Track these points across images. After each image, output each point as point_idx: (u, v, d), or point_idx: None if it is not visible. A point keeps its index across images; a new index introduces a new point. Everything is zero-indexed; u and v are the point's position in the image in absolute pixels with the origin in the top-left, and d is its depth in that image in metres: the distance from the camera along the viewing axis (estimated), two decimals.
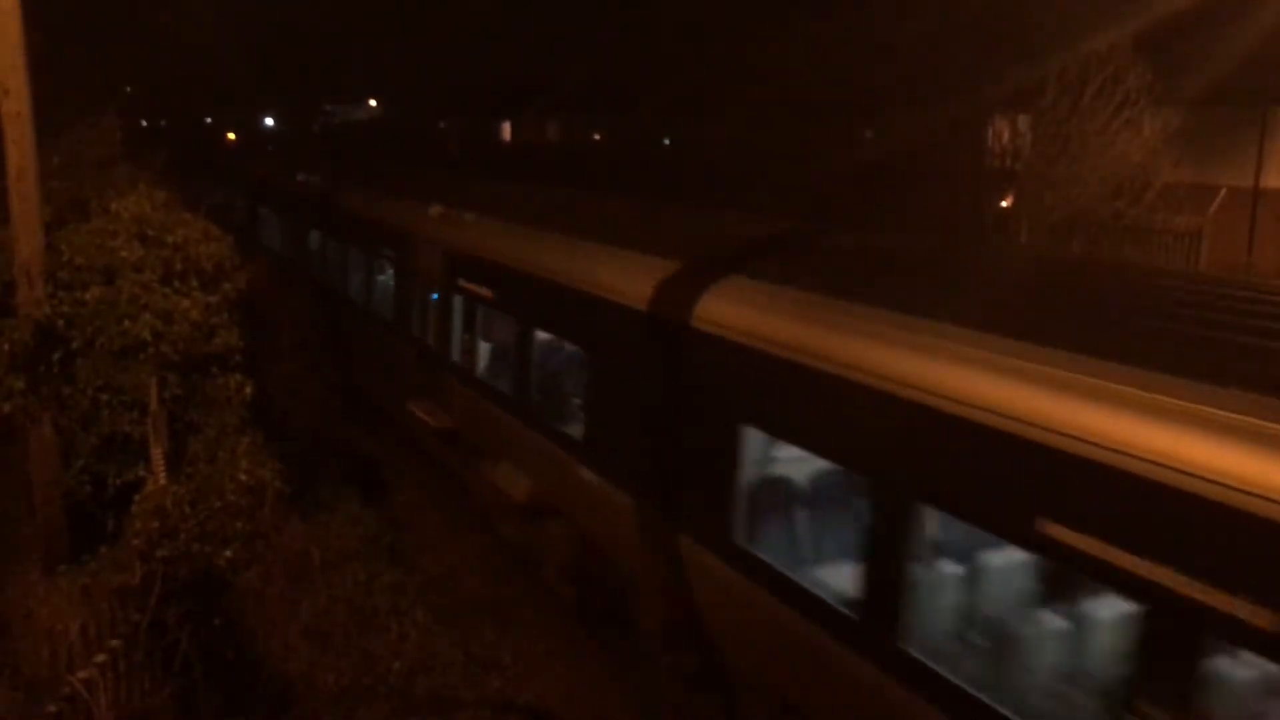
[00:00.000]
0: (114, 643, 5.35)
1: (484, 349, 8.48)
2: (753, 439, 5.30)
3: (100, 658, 5.20)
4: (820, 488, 5.50)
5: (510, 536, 8.25)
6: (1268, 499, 3.00)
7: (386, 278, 10.62)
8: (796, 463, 5.51)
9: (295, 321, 10.88)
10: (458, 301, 8.55)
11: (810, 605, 4.81)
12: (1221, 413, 3.29)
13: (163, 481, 6.29)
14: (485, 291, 8.09)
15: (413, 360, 9.58)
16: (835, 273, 5.66)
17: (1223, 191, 13.80)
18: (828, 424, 4.84)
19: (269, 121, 49.91)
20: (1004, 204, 14.28)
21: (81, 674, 5.07)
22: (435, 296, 8.96)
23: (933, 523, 4.32)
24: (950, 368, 4.17)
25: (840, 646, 4.60)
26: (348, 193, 11.80)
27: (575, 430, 6.89)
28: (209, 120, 46.20)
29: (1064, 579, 4.50)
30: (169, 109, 35.96)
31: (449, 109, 40.36)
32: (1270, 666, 3.10)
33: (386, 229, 10.29)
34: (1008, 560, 4.64)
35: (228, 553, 6.29)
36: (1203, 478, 3.17)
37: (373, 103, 47.02)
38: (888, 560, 4.33)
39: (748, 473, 5.30)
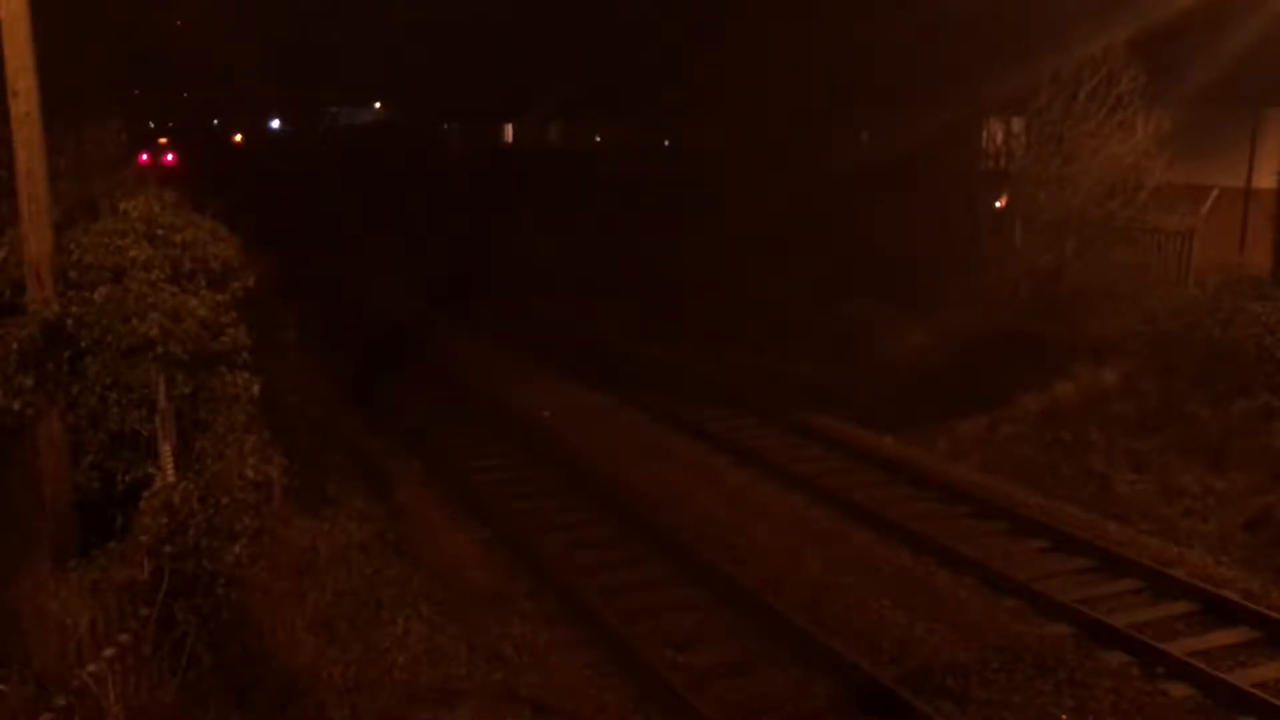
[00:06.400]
0: (123, 637, 5.41)
1: None
2: None
3: (109, 652, 5.26)
4: None
5: None
6: None
7: None
8: None
9: (302, 319, 11.00)
10: None
11: None
12: None
13: (171, 478, 6.35)
14: None
15: None
16: None
17: (1215, 192, 13.90)
18: None
19: (275, 124, 49.98)
20: (998, 204, 14.39)
21: (91, 668, 5.12)
22: None
23: None
24: None
25: None
26: None
27: None
28: (216, 122, 46.33)
29: None
30: (176, 112, 36.13)
31: (452, 112, 40.42)
32: None
33: None
34: None
35: (235, 548, 6.35)
36: None
37: (377, 105, 47.07)
38: None
39: None
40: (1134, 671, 7.17)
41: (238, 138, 47.75)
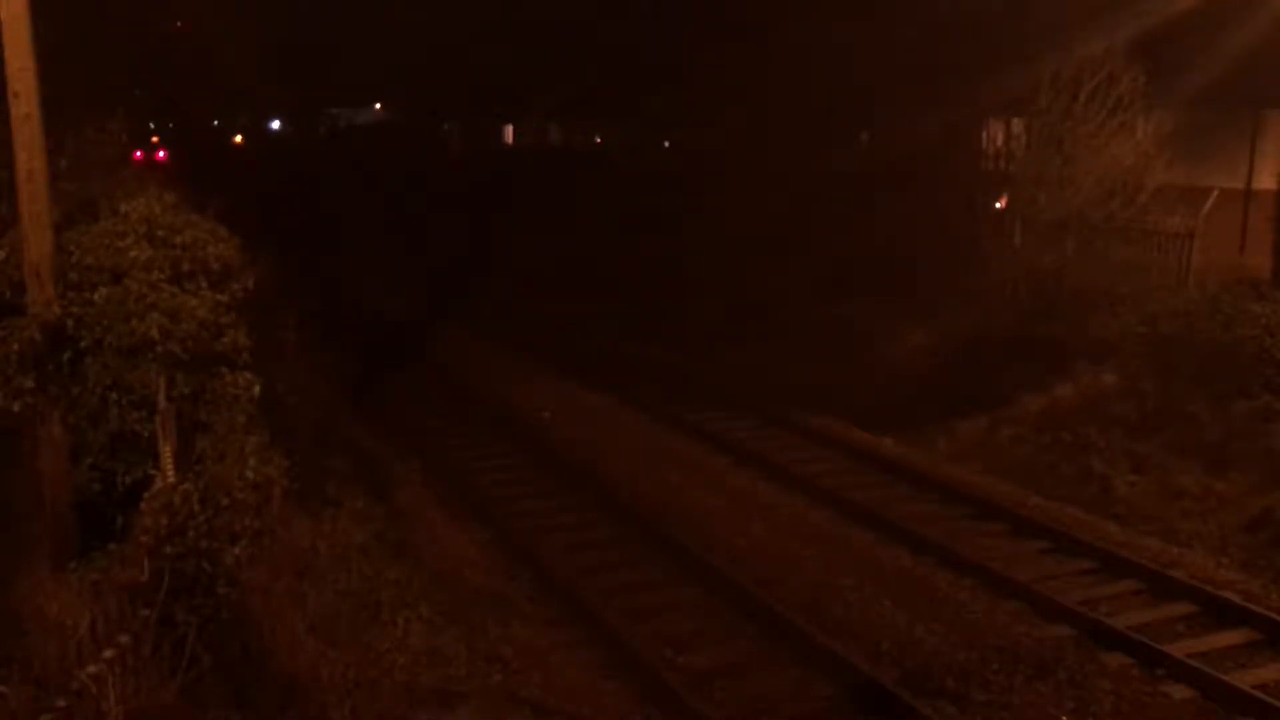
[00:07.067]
0: (123, 638, 5.40)
1: None
2: None
3: (109, 653, 5.24)
4: None
5: None
6: None
7: None
8: None
9: (302, 319, 11.02)
10: None
11: None
12: None
13: (171, 479, 6.34)
14: None
15: None
16: None
17: (1215, 193, 13.91)
18: None
19: (275, 125, 49.96)
20: (998, 205, 14.40)
21: (90, 669, 5.11)
22: None
23: None
24: None
25: None
26: None
27: None
28: (216, 123, 46.37)
29: None
30: (177, 112, 36.20)
31: (452, 113, 40.45)
32: None
33: None
34: None
35: (236, 549, 6.36)
36: None
37: (377, 106, 47.04)
38: None
39: None
40: (1134, 673, 7.16)
41: (238, 139, 47.79)
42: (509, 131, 38.84)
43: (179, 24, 31.32)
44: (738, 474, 11.09)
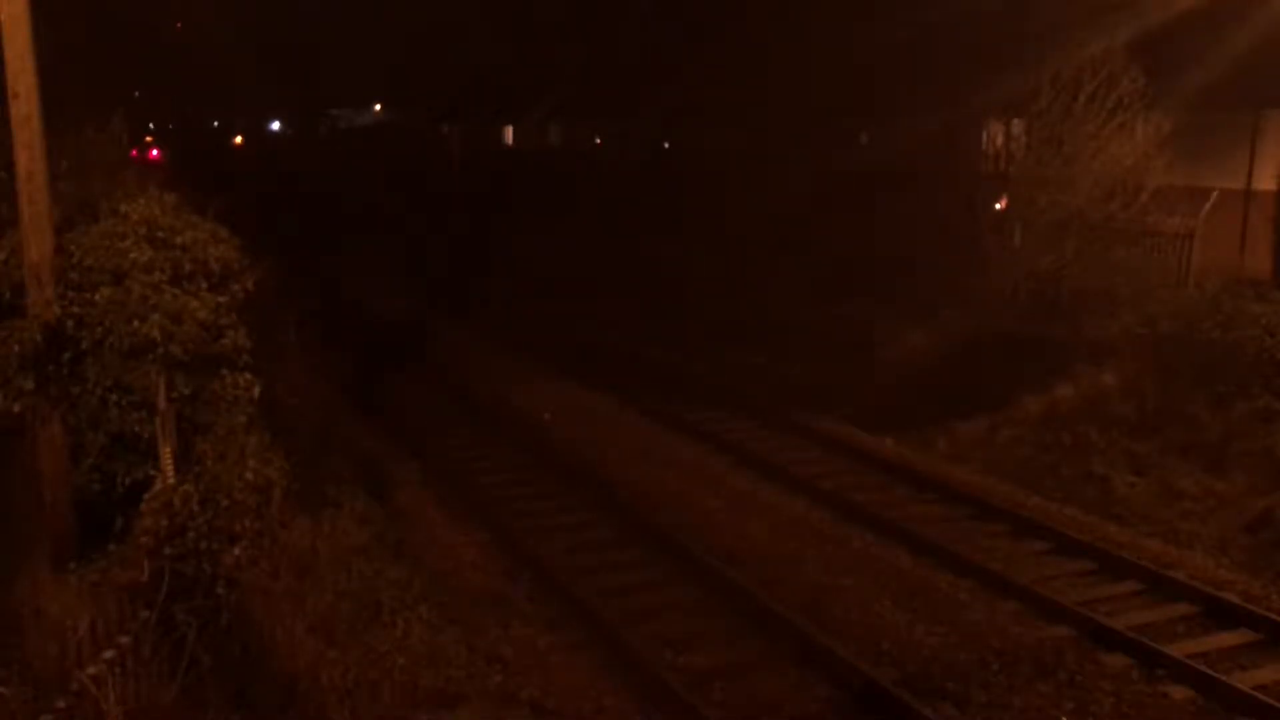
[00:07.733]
0: (123, 639, 5.41)
1: None
2: None
3: (109, 654, 5.25)
4: None
5: None
6: None
7: None
8: None
9: (302, 320, 11.02)
10: None
11: None
12: None
13: (171, 480, 6.35)
14: None
15: None
16: None
17: (1214, 194, 13.93)
18: None
19: (275, 126, 49.98)
20: (998, 206, 14.42)
21: (90, 670, 5.12)
22: None
23: None
24: None
25: None
26: None
27: None
28: (216, 124, 46.45)
29: None
30: (176, 113, 36.30)
31: (451, 114, 40.43)
32: None
33: None
34: None
35: (235, 550, 6.36)
36: None
37: (377, 108, 47.03)
38: None
39: None
40: (1134, 674, 7.16)
41: (238, 139, 47.83)
42: (509, 132, 38.81)
43: (179, 24, 31.37)
44: (738, 475, 11.09)
